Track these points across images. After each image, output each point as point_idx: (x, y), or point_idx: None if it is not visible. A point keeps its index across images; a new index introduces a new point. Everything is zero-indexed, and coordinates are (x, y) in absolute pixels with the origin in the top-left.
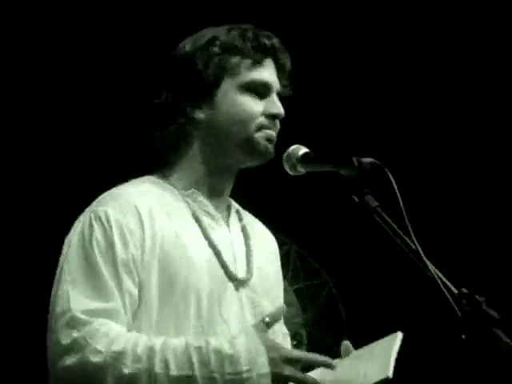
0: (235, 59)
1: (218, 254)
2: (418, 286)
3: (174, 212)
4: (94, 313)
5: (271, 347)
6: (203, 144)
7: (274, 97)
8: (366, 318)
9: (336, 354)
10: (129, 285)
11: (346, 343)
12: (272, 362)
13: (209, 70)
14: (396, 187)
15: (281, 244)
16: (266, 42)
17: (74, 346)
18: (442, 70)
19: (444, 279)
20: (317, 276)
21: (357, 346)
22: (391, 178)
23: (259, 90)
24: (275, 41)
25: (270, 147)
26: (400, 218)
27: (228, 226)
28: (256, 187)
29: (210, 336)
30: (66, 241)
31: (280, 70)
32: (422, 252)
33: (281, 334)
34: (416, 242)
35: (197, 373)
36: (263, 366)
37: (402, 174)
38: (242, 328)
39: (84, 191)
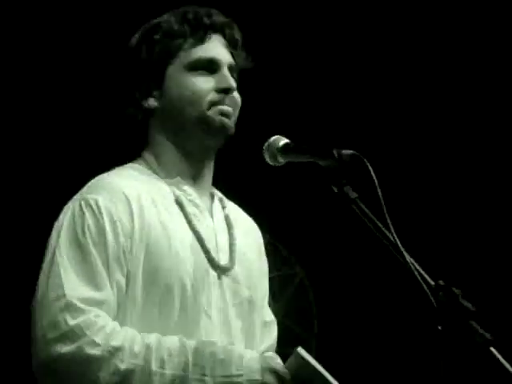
0: (177, 42)
1: (201, 241)
2: (391, 276)
3: (159, 200)
4: (88, 302)
5: (268, 358)
6: (163, 131)
7: (225, 71)
8: (336, 308)
9: (306, 343)
10: (118, 276)
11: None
12: (264, 370)
13: (153, 57)
14: (375, 179)
15: None
16: (206, 19)
17: (70, 335)
18: (423, 60)
19: (421, 271)
20: (288, 266)
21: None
22: (371, 169)
23: (207, 67)
24: (217, 17)
25: (227, 121)
26: (379, 209)
27: (211, 215)
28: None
29: (193, 328)
30: (56, 226)
31: (230, 43)
32: (399, 243)
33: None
34: (394, 234)
35: (190, 374)
36: (255, 373)
37: (383, 166)
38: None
39: (66, 179)
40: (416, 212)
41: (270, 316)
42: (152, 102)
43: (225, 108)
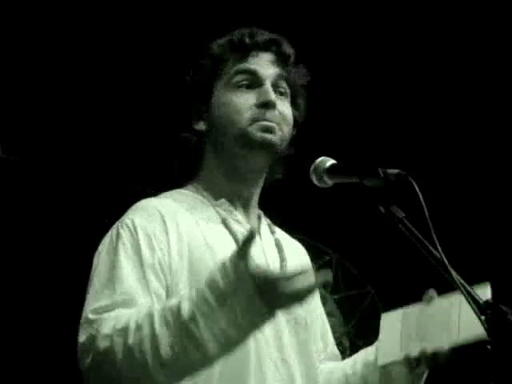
0: (221, 64)
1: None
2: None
3: (203, 219)
4: (103, 309)
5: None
6: (213, 152)
7: (266, 85)
8: None
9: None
10: (156, 286)
11: (432, 292)
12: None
13: (199, 80)
14: (422, 197)
15: (322, 254)
16: (247, 40)
17: (87, 343)
18: (469, 82)
19: (469, 289)
20: (358, 285)
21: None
22: (417, 188)
23: (248, 81)
24: (260, 36)
25: (268, 136)
26: (426, 227)
27: (259, 234)
28: (296, 199)
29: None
30: (96, 254)
31: (279, 59)
32: (447, 262)
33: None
34: (441, 253)
35: (198, 316)
36: (244, 271)
37: (429, 184)
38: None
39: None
40: (463, 229)
41: (335, 350)
42: (202, 125)
43: (265, 123)
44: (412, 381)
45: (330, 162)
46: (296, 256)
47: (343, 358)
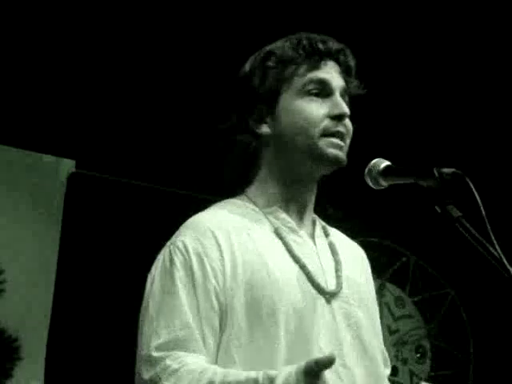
0: (290, 68)
1: (303, 267)
2: None
3: (255, 231)
4: (165, 347)
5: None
6: (273, 158)
7: (337, 97)
8: (490, 327)
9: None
10: (210, 316)
11: None
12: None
13: (266, 84)
14: (478, 196)
15: (399, 255)
16: (321, 46)
17: (150, 383)
18: None
19: None
20: (438, 287)
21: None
22: (472, 187)
23: (319, 90)
24: (332, 43)
25: (339, 154)
26: (483, 226)
27: (314, 240)
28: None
29: (301, 355)
30: (149, 277)
31: (344, 70)
32: (505, 261)
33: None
34: (500, 251)
35: None
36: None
37: (485, 182)
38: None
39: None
40: None
41: (385, 350)
42: (265, 129)
43: (337, 141)
44: None
45: (385, 163)
46: (352, 258)
47: (424, 360)
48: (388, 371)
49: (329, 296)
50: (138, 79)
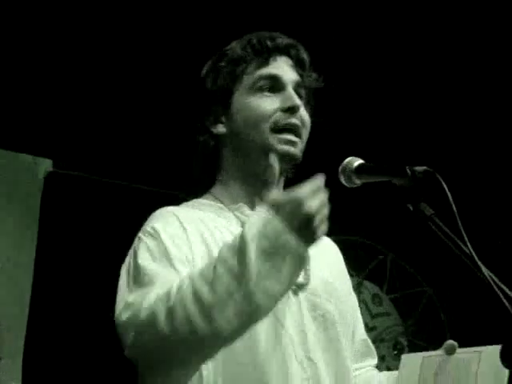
0: (241, 67)
1: None
2: None
3: (223, 225)
4: (138, 296)
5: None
6: (232, 157)
7: (289, 90)
8: (468, 325)
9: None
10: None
11: (452, 342)
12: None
13: (218, 84)
14: (449, 194)
15: (376, 253)
16: (269, 43)
17: (129, 320)
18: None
19: (500, 284)
20: (415, 284)
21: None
22: (444, 184)
23: (270, 86)
24: (280, 39)
25: (290, 149)
26: (454, 223)
27: None
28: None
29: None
30: (123, 267)
31: (297, 64)
32: (477, 258)
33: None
34: (471, 248)
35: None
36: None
37: (457, 179)
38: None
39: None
40: (493, 223)
41: (369, 341)
42: (221, 129)
43: (288, 136)
44: None
45: (358, 161)
46: (323, 253)
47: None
48: (374, 361)
49: (295, 288)
50: (113, 80)
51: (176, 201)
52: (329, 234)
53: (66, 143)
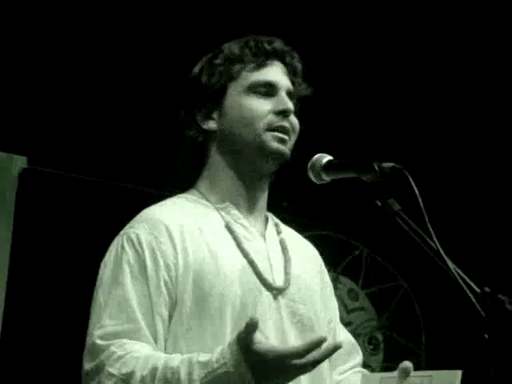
0: (237, 66)
1: (251, 262)
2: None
3: (206, 226)
4: (111, 336)
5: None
6: (221, 153)
7: (282, 95)
8: (443, 319)
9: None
10: (160, 309)
11: (407, 364)
12: (243, 350)
13: (213, 80)
14: (416, 189)
15: (352, 248)
16: (267, 46)
17: (91, 374)
18: (467, 75)
19: (466, 278)
20: (390, 279)
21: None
22: (411, 180)
23: (265, 91)
24: (278, 44)
25: (282, 148)
26: (422, 219)
27: (264, 238)
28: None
29: None
30: (102, 265)
31: (289, 70)
32: (443, 252)
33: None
34: (437, 243)
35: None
36: (236, 355)
37: (426, 175)
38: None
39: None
40: (460, 219)
41: (345, 334)
42: (212, 124)
43: (281, 135)
44: None
45: (327, 158)
46: (304, 257)
47: (378, 351)
48: (359, 357)
49: (276, 292)
50: (89, 76)
51: (152, 199)
52: (304, 230)
53: (40, 140)
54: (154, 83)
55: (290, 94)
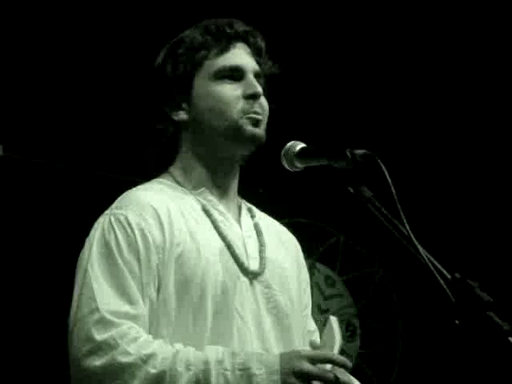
0: (201, 53)
1: (229, 245)
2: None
3: (186, 211)
4: (121, 315)
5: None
6: (193, 143)
7: (250, 78)
8: (419, 306)
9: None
10: (150, 291)
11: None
12: (283, 359)
13: (178, 70)
14: (388, 176)
15: (328, 235)
16: (228, 29)
17: (103, 346)
18: (433, 62)
19: (437, 264)
20: (367, 266)
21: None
22: (383, 167)
23: (232, 75)
24: (239, 26)
25: (258, 130)
26: (393, 205)
27: (239, 223)
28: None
29: (227, 333)
30: (87, 243)
31: (253, 50)
32: (414, 238)
33: (301, 329)
34: (408, 229)
35: (212, 369)
36: (274, 374)
37: (397, 162)
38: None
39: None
40: (430, 206)
41: (313, 326)
42: (182, 115)
43: (255, 117)
44: None
45: (300, 145)
46: (279, 241)
47: (354, 338)
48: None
49: (251, 276)
50: (64, 63)
51: (128, 186)
52: (281, 217)
53: (16, 128)
54: (129, 71)
55: (257, 75)
